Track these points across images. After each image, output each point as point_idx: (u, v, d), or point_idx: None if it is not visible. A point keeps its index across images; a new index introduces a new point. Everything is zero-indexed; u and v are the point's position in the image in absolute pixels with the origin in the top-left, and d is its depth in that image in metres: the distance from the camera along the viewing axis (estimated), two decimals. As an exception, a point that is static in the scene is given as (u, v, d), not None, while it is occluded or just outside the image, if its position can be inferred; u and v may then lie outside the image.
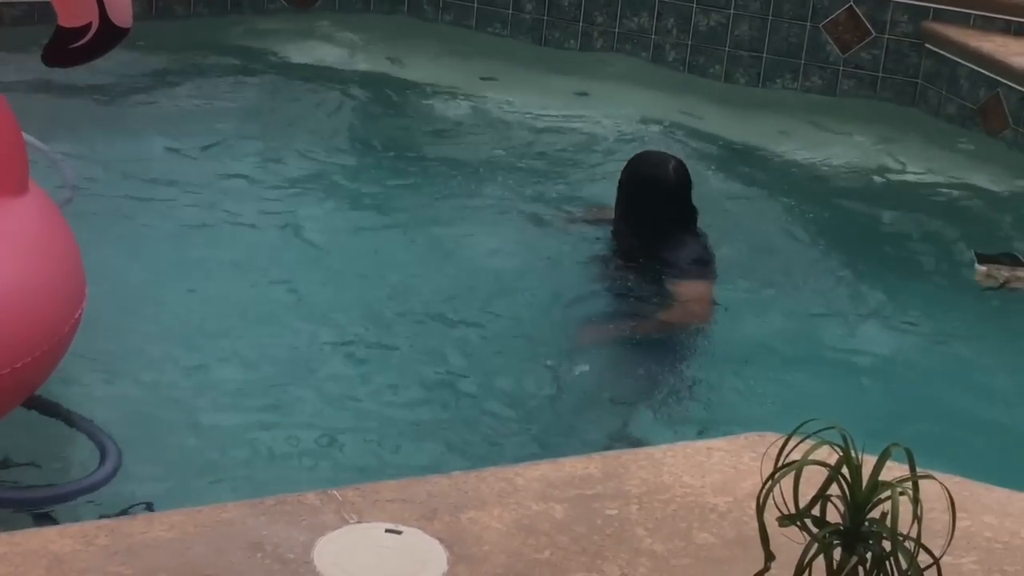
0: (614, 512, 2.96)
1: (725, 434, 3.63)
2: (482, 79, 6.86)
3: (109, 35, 4.02)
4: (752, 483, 2.71)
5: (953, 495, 3.08)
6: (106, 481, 3.88)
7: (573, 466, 3.18)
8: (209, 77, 6.72)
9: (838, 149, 6.66)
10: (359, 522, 2.96)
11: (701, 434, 4.35)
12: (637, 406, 4.63)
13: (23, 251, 4.02)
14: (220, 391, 4.56)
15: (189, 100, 6.52)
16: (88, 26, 4.00)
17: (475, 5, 6.94)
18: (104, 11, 3.98)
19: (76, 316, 4.07)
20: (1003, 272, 5.46)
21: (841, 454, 1.82)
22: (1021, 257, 5.60)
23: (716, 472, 3.12)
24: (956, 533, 2.92)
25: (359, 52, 6.99)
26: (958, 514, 3.00)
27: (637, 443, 4.31)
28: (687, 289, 5.02)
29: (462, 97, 6.64)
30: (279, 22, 7.16)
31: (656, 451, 3.33)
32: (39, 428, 4.17)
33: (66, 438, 4.15)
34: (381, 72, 6.88)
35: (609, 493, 3.04)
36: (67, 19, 4.03)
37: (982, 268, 5.47)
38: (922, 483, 3.24)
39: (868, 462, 2.16)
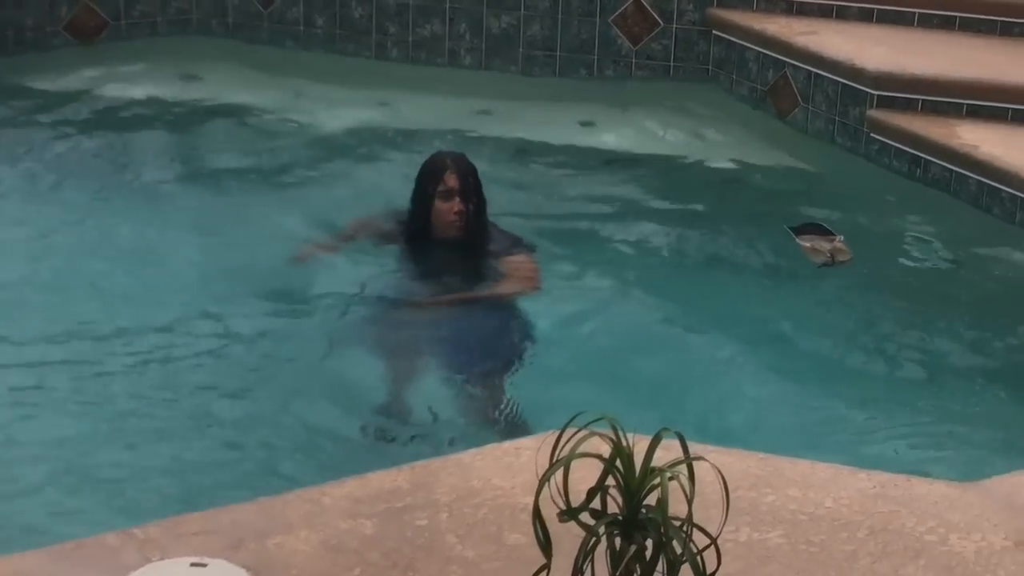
0: (424, 522, 2.94)
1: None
2: (279, 94, 6.83)
3: None
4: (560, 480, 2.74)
5: (758, 471, 3.21)
6: None
7: (380, 480, 3.15)
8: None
9: (636, 140, 6.76)
10: (162, 559, 2.87)
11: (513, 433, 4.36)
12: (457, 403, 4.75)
13: None
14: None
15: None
16: None
17: (265, 23, 6.88)
18: None
19: None
20: (823, 244, 5.58)
21: (616, 442, 1.81)
22: (825, 225, 5.72)
23: (526, 472, 3.10)
24: (762, 509, 3.06)
25: (149, 77, 6.90)
26: (763, 489, 3.14)
27: (453, 442, 4.37)
28: (515, 263, 5.20)
29: (258, 114, 6.60)
30: (66, 56, 7.02)
31: (465, 456, 3.32)
32: None
33: None
34: (174, 95, 6.82)
35: (419, 503, 3.02)
36: None
37: (806, 244, 5.58)
38: (733, 461, 3.32)
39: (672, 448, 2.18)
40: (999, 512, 3.18)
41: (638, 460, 1.88)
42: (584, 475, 2.15)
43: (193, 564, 2.84)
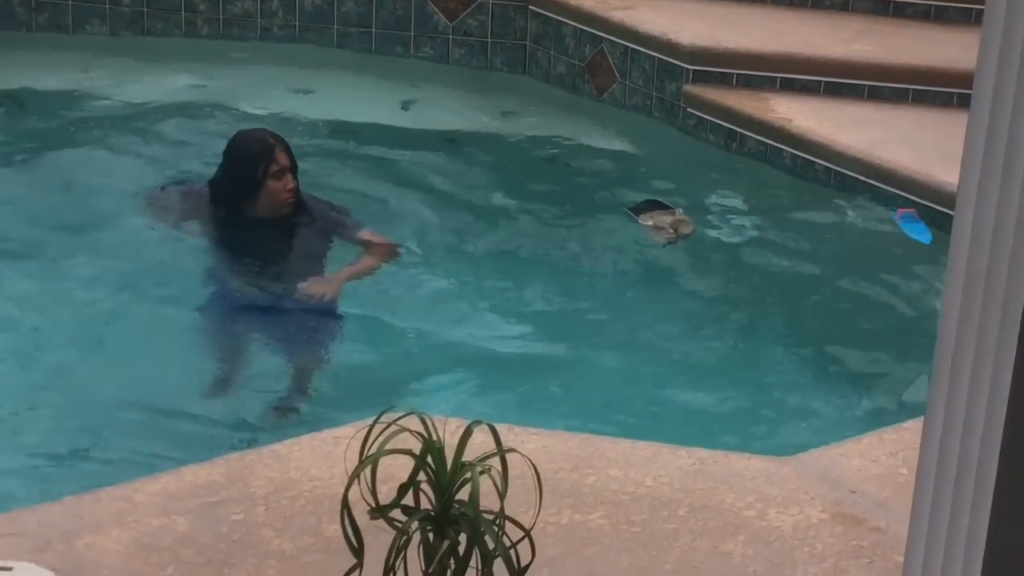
0: (240, 516, 2.89)
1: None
2: (85, 76, 6.65)
3: None
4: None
5: (580, 452, 3.23)
6: None
7: (195, 474, 3.09)
8: None
9: (455, 119, 6.70)
10: None
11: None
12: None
13: None
14: None
15: None
16: None
17: (70, 3, 6.68)
18: None
19: None
20: (664, 218, 5.60)
21: (427, 439, 1.77)
22: (662, 200, 5.76)
23: (344, 461, 3.10)
24: (584, 490, 3.07)
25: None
26: (584, 471, 3.15)
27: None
28: (370, 234, 5.28)
29: (63, 97, 6.40)
30: None
31: (282, 447, 3.29)
32: None
33: None
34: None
35: (234, 497, 2.97)
36: None
37: (648, 223, 5.60)
38: (555, 442, 3.33)
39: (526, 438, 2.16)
40: (815, 485, 3.24)
41: (452, 453, 1.86)
42: (402, 467, 2.13)
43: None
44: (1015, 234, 1.30)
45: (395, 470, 2.17)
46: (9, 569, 2.72)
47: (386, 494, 2.05)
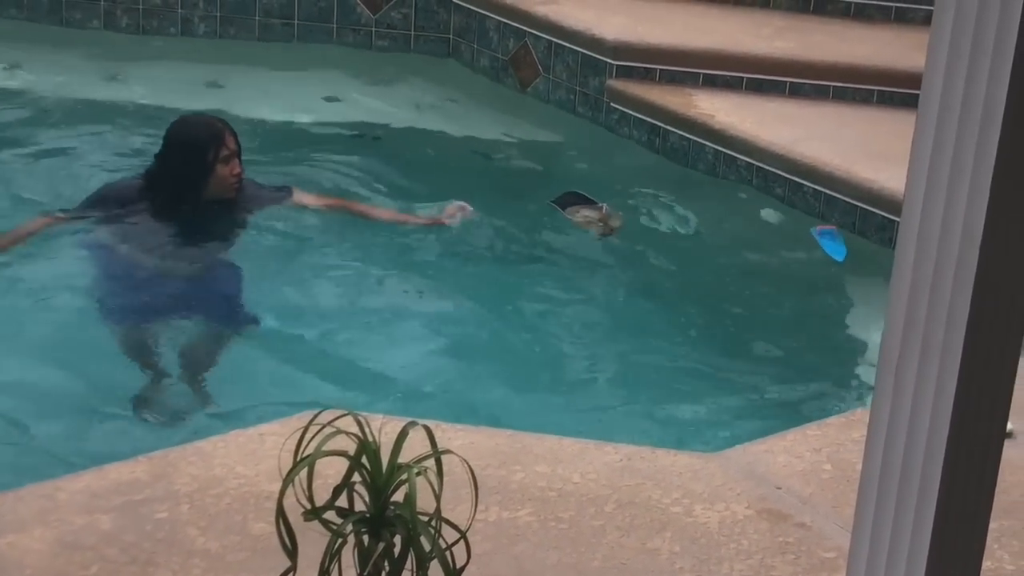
0: (164, 515, 2.89)
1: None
2: (4, 69, 6.61)
3: None
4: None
5: (507, 449, 3.25)
6: None
7: (119, 471, 3.09)
8: None
9: (379, 113, 6.70)
10: None
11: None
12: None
13: None
14: None
15: None
16: None
17: (-14, -9, 6.61)
18: None
19: None
20: (591, 214, 5.62)
21: (362, 441, 1.77)
22: (584, 194, 5.79)
23: (270, 458, 3.08)
24: (512, 487, 3.10)
25: None
26: (512, 467, 3.18)
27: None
28: (306, 195, 5.60)
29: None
30: None
31: (206, 444, 3.29)
32: None
33: None
34: None
35: (158, 495, 2.97)
36: None
37: (575, 217, 5.63)
38: (482, 439, 3.34)
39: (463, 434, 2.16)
40: (741, 481, 3.28)
41: (386, 453, 1.86)
42: (330, 464, 2.13)
43: None
44: (960, 242, 1.31)
45: (323, 466, 2.18)
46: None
47: (317, 493, 2.05)
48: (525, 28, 6.50)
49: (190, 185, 4.95)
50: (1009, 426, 3.37)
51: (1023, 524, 3.24)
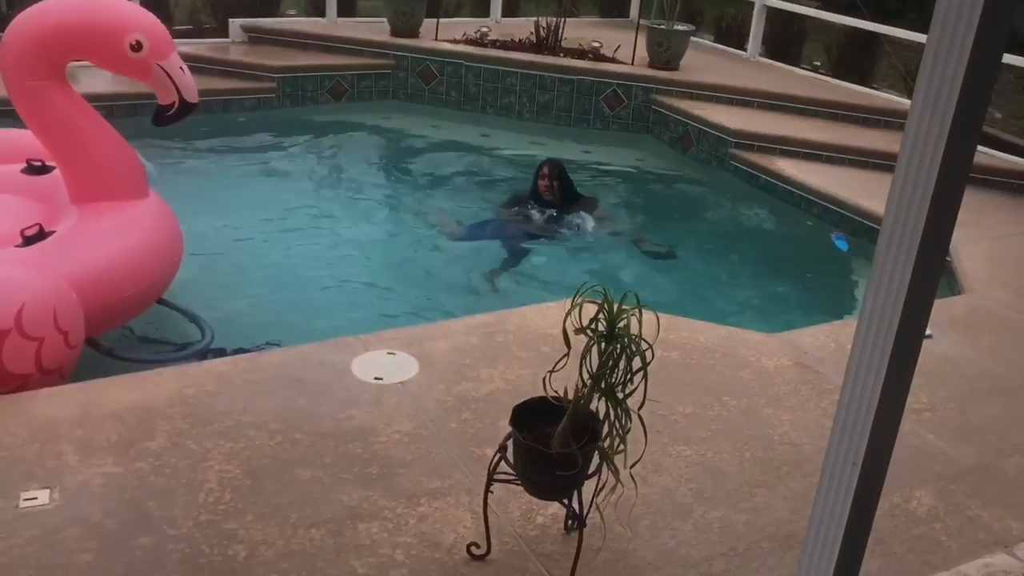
0: (500, 339, 4.41)
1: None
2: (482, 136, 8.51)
3: (185, 108, 5.05)
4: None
5: (663, 323, 4.36)
6: (207, 347, 4.79)
7: (480, 320, 4.61)
8: None
9: (612, 159, 9.01)
10: (374, 350, 4.20)
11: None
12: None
13: (153, 232, 5.09)
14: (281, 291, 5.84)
15: None
16: (173, 103, 5.01)
17: None
18: (181, 95, 5.04)
19: (178, 262, 5.25)
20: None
21: (605, 298, 2.68)
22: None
23: (552, 316, 4.64)
24: (668, 342, 4.48)
25: None
26: (667, 332, 4.54)
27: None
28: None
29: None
30: None
31: (521, 309, 4.82)
32: (164, 317, 5.29)
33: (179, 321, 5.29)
34: None
35: (503, 328, 4.47)
36: (162, 100, 5.09)
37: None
38: (650, 317, 4.04)
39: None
40: (786, 348, 4.66)
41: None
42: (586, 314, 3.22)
43: (388, 353, 4.17)
44: (910, 235, 1.71)
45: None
46: (394, 354, 4.12)
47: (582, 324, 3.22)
48: (688, 121, 9.19)
49: (532, 193, 7.20)
50: (928, 330, 4.43)
51: (930, 382, 4.48)
